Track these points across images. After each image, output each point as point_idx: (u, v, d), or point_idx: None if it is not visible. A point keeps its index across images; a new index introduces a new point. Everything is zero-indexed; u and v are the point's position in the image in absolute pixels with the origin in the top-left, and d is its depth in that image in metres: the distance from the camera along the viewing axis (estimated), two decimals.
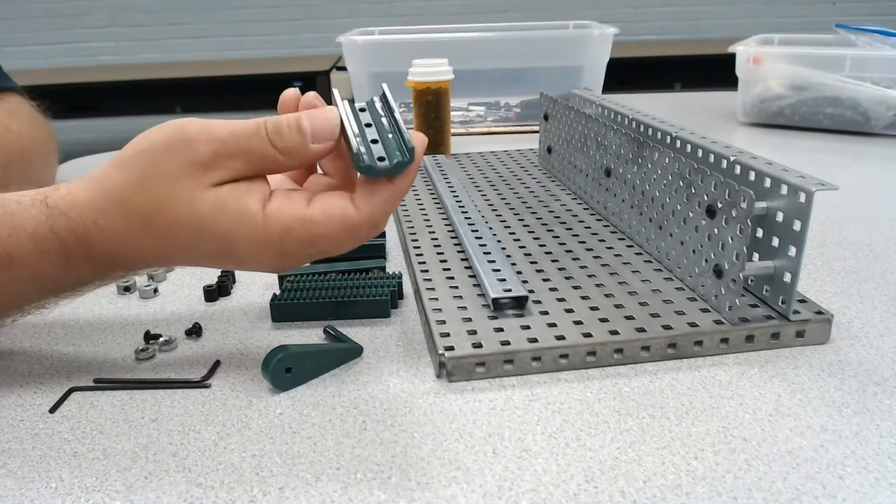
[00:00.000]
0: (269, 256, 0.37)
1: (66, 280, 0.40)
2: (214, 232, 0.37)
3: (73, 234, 0.37)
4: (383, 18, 3.14)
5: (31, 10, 3.14)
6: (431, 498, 0.32)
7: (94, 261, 0.39)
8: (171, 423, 0.38)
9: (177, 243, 0.37)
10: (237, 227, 0.36)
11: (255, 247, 0.37)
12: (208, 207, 0.36)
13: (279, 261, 0.38)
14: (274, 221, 0.36)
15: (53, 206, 0.38)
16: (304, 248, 0.37)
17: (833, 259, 0.57)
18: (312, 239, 0.37)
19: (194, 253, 0.38)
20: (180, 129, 0.36)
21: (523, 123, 1.10)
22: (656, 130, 0.58)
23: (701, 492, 0.32)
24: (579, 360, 0.42)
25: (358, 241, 0.38)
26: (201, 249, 0.38)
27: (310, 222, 0.37)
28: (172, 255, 0.39)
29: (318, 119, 0.37)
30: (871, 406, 0.38)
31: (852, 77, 0.97)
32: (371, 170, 0.36)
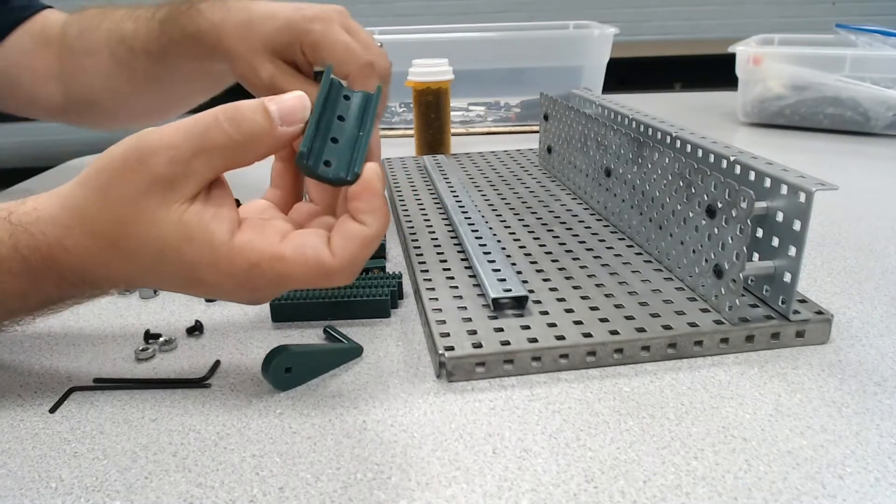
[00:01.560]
0: (236, 289, 0.36)
1: (33, 298, 0.38)
2: (179, 259, 0.35)
3: (37, 252, 0.36)
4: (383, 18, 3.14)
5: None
6: (431, 498, 0.32)
7: (63, 279, 0.37)
8: (171, 423, 0.38)
9: (143, 267, 0.36)
10: (202, 257, 0.34)
11: (220, 279, 0.35)
12: (173, 232, 0.34)
13: (249, 294, 0.36)
14: (241, 256, 0.34)
15: (17, 224, 0.36)
16: (273, 286, 0.36)
17: (833, 259, 0.57)
18: (281, 278, 0.35)
19: (161, 278, 0.36)
20: (136, 143, 0.34)
21: (523, 123, 1.10)
22: (656, 130, 0.58)
23: (701, 492, 0.32)
24: (579, 360, 0.42)
25: (329, 285, 0.36)
26: (168, 275, 0.36)
27: (280, 260, 0.34)
28: (142, 277, 0.37)
29: (287, 101, 0.35)
30: (871, 406, 0.38)
31: (852, 77, 0.97)
32: (311, 171, 0.35)
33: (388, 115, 1.13)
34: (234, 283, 0.35)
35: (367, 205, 0.35)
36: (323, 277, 0.35)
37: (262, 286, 0.36)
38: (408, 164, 0.83)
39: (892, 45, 1.03)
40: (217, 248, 0.34)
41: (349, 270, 0.35)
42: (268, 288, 0.36)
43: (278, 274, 0.35)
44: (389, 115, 1.13)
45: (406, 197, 0.70)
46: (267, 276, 0.35)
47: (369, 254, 0.36)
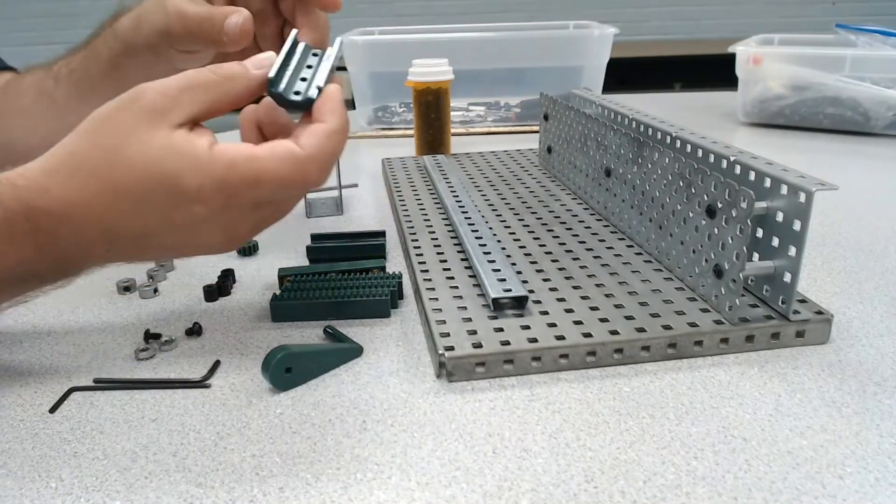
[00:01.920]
0: (215, 198, 0.37)
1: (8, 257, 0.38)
2: (162, 172, 0.36)
3: (19, 202, 0.36)
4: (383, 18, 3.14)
5: (31, 10, 3.14)
6: (431, 498, 0.32)
7: (38, 232, 0.37)
8: (171, 423, 0.38)
9: (126, 198, 0.37)
10: (185, 163, 0.36)
11: (201, 185, 0.36)
12: (158, 148, 0.36)
13: (226, 206, 0.37)
14: (219, 156, 0.37)
15: (4, 180, 0.37)
16: (250, 188, 0.37)
17: (833, 259, 0.57)
18: (258, 176, 0.37)
19: (142, 210, 0.37)
20: (132, 89, 0.38)
21: (523, 123, 1.10)
22: (656, 130, 0.58)
23: (701, 492, 0.32)
24: (579, 360, 0.42)
25: (305, 182, 0.38)
26: (151, 204, 0.37)
27: (255, 159, 0.37)
28: (123, 219, 0.37)
29: (258, 56, 0.41)
30: (871, 406, 0.38)
31: (852, 77, 0.97)
32: (281, 97, 0.40)
33: (389, 115, 1.13)
34: (215, 187, 0.37)
35: (327, 106, 0.39)
36: (297, 171, 0.38)
37: (241, 190, 0.37)
38: (408, 164, 0.83)
39: (892, 45, 1.03)
40: (198, 154, 0.37)
41: (319, 160, 0.38)
42: (247, 191, 0.37)
43: (255, 171, 0.37)
44: (389, 115, 1.13)
45: (406, 197, 0.70)
46: (244, 177, 0.37)
47: (336, 147, 0.39)
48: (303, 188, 0.39)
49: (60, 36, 3.17)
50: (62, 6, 3.14)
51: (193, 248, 0.41)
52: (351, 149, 1.01)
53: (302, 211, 0.73)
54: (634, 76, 2.62)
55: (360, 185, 0.81)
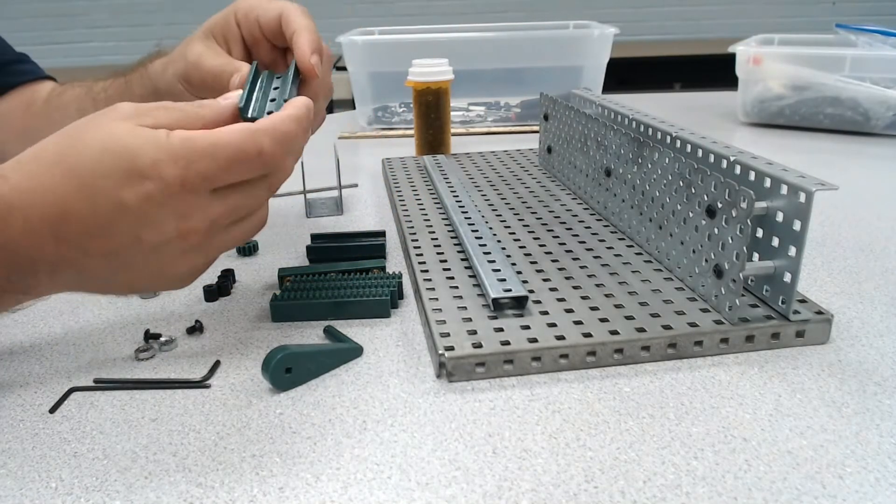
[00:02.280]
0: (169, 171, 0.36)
1: None
2: (116, 148, 0.36)
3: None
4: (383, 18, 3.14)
5: (31, 10, 3.14)
6: (431, 498, 0.32)
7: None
8: (171, 423, 0.38)
9: (75, 180, 0.36)
10: (140, 139, 0.37)
11: (156, 158, 0.36)
12: (119, 128, 0.37)
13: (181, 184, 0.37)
14: (177, 133, 0.37)
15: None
16: (205, 158, 0.37)
17: (833, 259, 0.57)
18: (213, 144, 0.37)
19: (91, 194, 0.36)
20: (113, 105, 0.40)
21: (523, 123, 1.10)
22: (656, 130, 0.58)
23: (701, 492, 0.32)
24: (579, 360, 0.42)
25: (261, 155, 0.39)
26: (99, 183, 0.36)
27: (211, 133, 0.38)
28: (69, 207, 0.36)
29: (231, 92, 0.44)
30: (871, 406, 0.38)
31: (852, 77, 0.97)
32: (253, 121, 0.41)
33: (389, 115, 1.13)
34: (170, 160, 0.36)
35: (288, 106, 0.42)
36: (251, 141, 0.38)
37: (195, 159, 0.37)
38: (408, 164, 0.83)
39: (892, 45, 1.03)
40: (157, 134, 0.37)
41: (272, 134, 0.39)
42: (201, 161, 0.37)
43: (210, 142, 0.37)
44: (389, 115, 1.13)
45: (406, 197, 0.70)
46: (199, 146, 0.37)
47: (291, 127, 0.40)
48: (259, 165, 0.39)
49: (60, 36, 3.18)
50: (62, 6, 3.14)
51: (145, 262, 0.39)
52: (351, 149, 1.01)
53: (302, 211, 0.73)
54: (634, 76, 2.62)
55: (360, 185, 0.81)
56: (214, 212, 0.39)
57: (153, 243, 0.38)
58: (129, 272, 0.39)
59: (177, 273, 0.41)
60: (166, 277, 0.41)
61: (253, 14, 0.55)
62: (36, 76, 0.76)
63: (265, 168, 0.40)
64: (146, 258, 0.39)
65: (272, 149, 0.39)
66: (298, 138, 0.41)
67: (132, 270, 0.39)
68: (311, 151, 0.63)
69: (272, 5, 0.55)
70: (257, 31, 0.55)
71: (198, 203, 0.38)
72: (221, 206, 0.39)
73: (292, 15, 0.53)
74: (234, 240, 0.42)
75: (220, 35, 0.56)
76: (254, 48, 0.57)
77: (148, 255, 0.38)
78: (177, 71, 0.57)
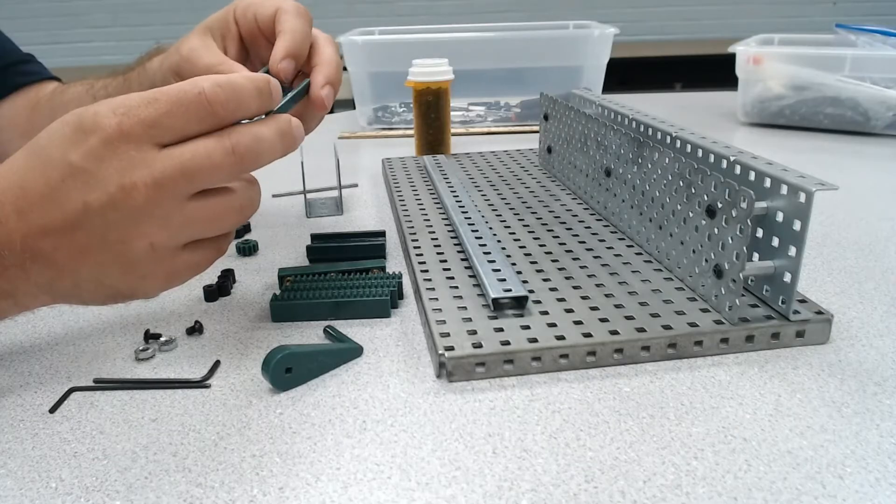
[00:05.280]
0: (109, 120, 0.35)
1: None
2: (71, 115, 0.36)
3: None
4: (383, 18, 3.14)
5: (31, 10, 3.14)
6: (431, 498, 0.32)
7: None
8: (171, 423, 0.38)
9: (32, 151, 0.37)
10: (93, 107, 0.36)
11: (98, 110, 0.36)
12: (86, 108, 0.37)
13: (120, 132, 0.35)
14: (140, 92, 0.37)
15: None
16: (146, 104, 0.36)
17: (833, 259, 0.57)
18: (154, 93, 0.36)
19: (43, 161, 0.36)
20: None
21: (523, 123, 1.10)
22: (656, 130, 0.58)
23: (701, 492, 0.32)
24: (579, 360, 0.42)
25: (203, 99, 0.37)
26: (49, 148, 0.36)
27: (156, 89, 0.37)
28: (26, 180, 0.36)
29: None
30: (871, 406, 0.38)
31: (852, 77, 0.97)
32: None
33: (389, 115, 1.13)
34: (109, 107, 0.36)
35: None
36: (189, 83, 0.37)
37: (134, 105, 0.36)
38: (408, 164, 0.83)
39: (892, 45, 1.03)
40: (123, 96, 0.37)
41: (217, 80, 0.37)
42: (140, 106, 0.36)
43: (152, 92, 0.36)
44: (389, 115, 1.13)
45: (406, 197, 0.70)
46: (140, 95, 0.36)
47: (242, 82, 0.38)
48: (203, 110, 0.37)
49: (62, 36, 3.18)
50: (63, 6, 3.14)
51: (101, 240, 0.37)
52: (351, 149, 1.01)
53: (302, 211, 0.73)
54: (634, 76, 2.62)
55: (360, 185, 0.81)
56: (158, 167, 0.36)
57: (99, 206, 0.36)
58: (92, 258, 0.37)
59: (138, 256, 0.38)
60: (130, 265, 0.38)
61: (251, 11, 0.55)
62: (42, 77, 0.76)
63: (212, 115, 0.37)
64: (99, 231, 0.36)
65: (213, 90, 0.37)
66: (248, 92, 0.38)
67: (93, 255, 0.37)
68: (311, 151, 0.63)
69: (269, 2, 0.54)
70: (255, 29, 0.55)
71: (140, 156, 0.36)
72: (167, 160, 0.36)
73: (284, 16, 0.52)
74: (198, 221, 0.39)
75: (217, 32, 0.56)
76: (252, 46, 0.57)
77: (99, 227, 0.36)
78: (171, 64, 0.56)
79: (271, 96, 0.40)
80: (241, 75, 0.39)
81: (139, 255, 0.38)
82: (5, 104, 0.74)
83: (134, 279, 0.39)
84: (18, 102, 0.74)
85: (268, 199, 0.75)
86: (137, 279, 0.39)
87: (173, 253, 0.39)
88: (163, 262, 0.39)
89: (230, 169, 0.38)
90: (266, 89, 0.40)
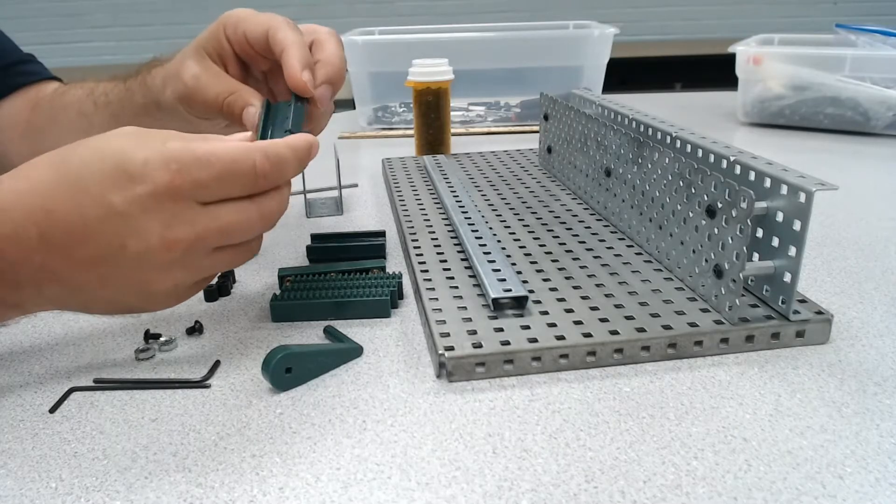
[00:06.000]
0: (160, 175, 0.36)
1: None
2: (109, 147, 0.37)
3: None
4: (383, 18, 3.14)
5: (31, 10, 3.14)
6: (431, 498, 0.32)
7: None
8: (171, 423, 0.38)
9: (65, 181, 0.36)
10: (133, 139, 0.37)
11: (147, 158, 0.36)
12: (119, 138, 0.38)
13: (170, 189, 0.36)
14: (174, 137, 0.38)
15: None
16: (198, 165, 0.37)
17: (833, 259, 0.57)
18: (209, 152, 0.37)
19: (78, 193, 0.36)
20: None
21: (523, 123, 1.10)
22: (656, 130, 0.58)
23: (701, 492, 0.32)
24: (579, 360, 0.42)
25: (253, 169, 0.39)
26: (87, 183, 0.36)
27: (208, 143, 0.38)
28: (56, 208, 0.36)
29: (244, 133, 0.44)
30: (871, 406, 0.38)
31: (852, 77, 0.97)
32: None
33: (389, 115, 1.13)
34: (161, 158, 0.36)
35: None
36: (244, 153, 0.38)
37: (187, 165, 0.37)
38: (408, 164, 0.83)
39: (892, 45, 1.03)
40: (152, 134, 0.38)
41: (268, 154, 0.39)
42: (193, 167, 0.37)
43: (206, 149, 0.37)
44: (389, 115, 1.13)
45: (406, 197, 0.70)
46: (194, 152, 0.37)
47: (287, 154, 0.41)
48: (250, 180, 0.39)
49: (61, 36, 3.18)
50: (62, 6, 3.14)
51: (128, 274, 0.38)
52: (351, 149, 1.01)
53: (302, 211, 0.73)
54: (634, 76, 2.62)
55: (360, 185, 0.81)
56: (201, 226, 0.38)
57: (136, 252, 0.37)
58: (113, 286, 0.38)
59: (160, 290, 0.39)
60: (149, 295, 0.39)
61: (240, 30, 0.54)
62: (42, 77, 0.76)
63: (255, 186, 0.39)
64: (129, 270, 0.37)
65: (263, 165, 0.39)
66: (290, 164, 0.41)
67: (115, 284, 0.38)
68: None
69: (258, 20, 0.53)
70: (246, 46, 0.54)
71: (185, 213, 0.37)
72: (210, 221, 0.38)
73: (279, 33, 0.52)
74: (221, 264, 0.41)
75: (213, 52, 0.55)
76: (250, 62, 0.56)
77: (131, 267, 0.37)
78: (176, 92, 0.56)
79: (309, 160, 0.43)
80: (288, 147, 0.41)
81: (160, 291, 0.40)
82: (5, 104, 0.74)
83: (147, 302, 0.41)
84: (18, 102, 0.74)
85: None
86: (151, 303, 0.41)
87: (190, 287, 0.42)
88: (178, 293, 0.41)
89: (260, 230, 0.42)
90: (306, 159, 0.43)
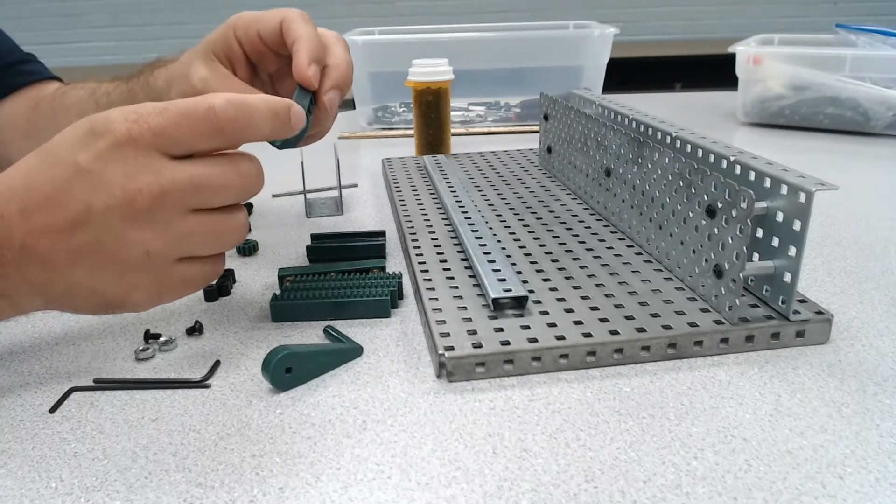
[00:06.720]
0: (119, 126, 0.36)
1: None
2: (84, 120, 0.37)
3: None
4: (383, 18, 3.14)
5: (31, 10, 3.14)
6: (431, 498, 0.32)
7: None
8: (171, 423, 0.38)
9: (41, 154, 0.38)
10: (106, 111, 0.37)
11: (109, 115, 0.36)
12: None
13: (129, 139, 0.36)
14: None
15: None
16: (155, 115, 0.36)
17: (833, 259, 0.57)
18: (166, 104, 0.37)
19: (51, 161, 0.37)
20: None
21: (523, 123, 1.10)
22: (656, 130, 0.58)
23: (701, 492, 0.32)
24: (579, 360, 0.42)
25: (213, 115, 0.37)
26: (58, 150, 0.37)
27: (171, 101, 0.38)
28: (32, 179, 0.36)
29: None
30: (871, 406, 0.38)
31: (852, 77, 0.97)
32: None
33: (389, 115, 1.13)
34: (121, 113, 0.36)
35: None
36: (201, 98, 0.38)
37: (146, 113, 0.37)
38: (408, 164, 0.83)
39: (892, 45, 1.03)
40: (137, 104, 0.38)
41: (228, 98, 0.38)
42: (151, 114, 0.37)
43: (165, 103, 0.37)
44: (389, 115, 1.13)
45: (406, 197, 0.70)
46: (154, 105, 0.37)
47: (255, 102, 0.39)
48: (212, 126, 0.37)
49: (61, 36, 3.18)
50: (62, 6, 3.14)
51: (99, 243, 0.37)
52: (351, 149, 1.01)
53: (302, 211, 0.73)
54: (634, 76, 2.62)
55: (360, 185, 0.81)
56: (166, 177, 0.37)
57: (102, 210, 0.36)
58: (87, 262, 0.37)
59: (131, 259, 0.37)
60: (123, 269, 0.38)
61: (252, 29, 0.54)
62: (42, 76, 0.76)
63: (220, 132, 0.38)
64: (100, 233, 0.37)
65: (223, 107, 0.37)
66: (261, 113, 0.39)
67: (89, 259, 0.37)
68: (312, 151, 0.63)
69: (271, 15, 0.54)
70: (260, 45, 0.55)
71: (149, 164, 0.36)
72: (177, 172, 0.37)
73: (293, 24, 0.52)
74: (199, 233, 0.39)
75: (222, 55, 0.55)
76: (259, 62, 0.56)
77: (100, 229, 0.36)
78: (183, 93, 0.55)
79: (290, 122, 0.41)
80: (258, 96, 0.39)
81: (134, 261, 0.38)
82: (6, 104, 0.74)
83: (126, 287, 0.39)
84: (19, 102, 0.74)
85: (268, 199, 0.75)
86: (129, 287, 0.39)
87: (168, 264, 0.39)
88: (156, 272, 0.39)
89: (240, 191, 0.39)
90: (284, 114, 0.40)
